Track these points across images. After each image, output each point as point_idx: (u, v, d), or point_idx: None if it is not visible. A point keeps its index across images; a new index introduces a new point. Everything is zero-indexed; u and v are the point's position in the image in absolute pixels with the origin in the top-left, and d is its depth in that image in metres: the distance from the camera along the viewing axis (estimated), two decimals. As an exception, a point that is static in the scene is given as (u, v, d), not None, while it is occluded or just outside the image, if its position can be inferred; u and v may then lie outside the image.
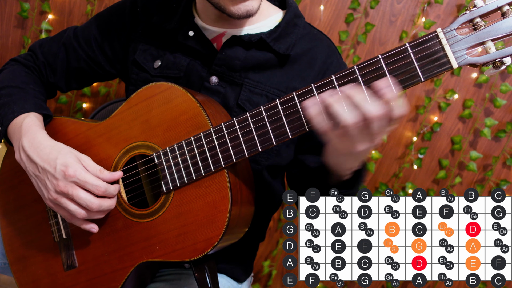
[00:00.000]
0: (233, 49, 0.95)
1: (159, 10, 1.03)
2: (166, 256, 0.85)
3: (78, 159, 0.87)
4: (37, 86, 1.05)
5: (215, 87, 0.96)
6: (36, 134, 0.91)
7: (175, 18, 1.00)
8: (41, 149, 0.89)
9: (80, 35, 1.08)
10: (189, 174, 0.83)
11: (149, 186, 0.96)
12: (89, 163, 0.88)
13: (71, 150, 0.89)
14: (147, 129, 0.88)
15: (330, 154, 0.79)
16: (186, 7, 1.01)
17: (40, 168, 0.88)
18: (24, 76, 1.05)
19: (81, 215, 0.86)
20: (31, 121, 0.94)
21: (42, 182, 0.88)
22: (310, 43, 0.98)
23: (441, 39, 0.67)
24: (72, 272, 0.95)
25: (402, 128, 1.70)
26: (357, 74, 0.70)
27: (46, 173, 0.87)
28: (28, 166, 0.90)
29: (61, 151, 0.88)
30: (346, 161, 0.77)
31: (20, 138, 0.91)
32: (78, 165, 0.86)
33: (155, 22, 1.01)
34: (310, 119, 0.70)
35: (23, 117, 0.95)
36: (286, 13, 0.99)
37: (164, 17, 1.01)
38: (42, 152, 0.88)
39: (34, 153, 0.89)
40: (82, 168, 0.86)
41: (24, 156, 0.90)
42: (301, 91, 0.74)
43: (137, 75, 1.03)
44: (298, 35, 0.97)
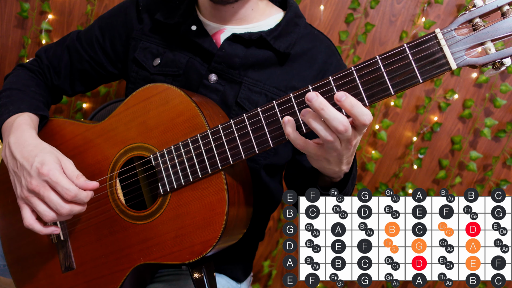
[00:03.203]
0: (233, 46, 0.95)
1: (161, 6, 1.04)
2: (163, 259, 0.85)
3: (57, 159, 0.85)
4: (38, 88, 1.06)
5: (214, 85, 0.96)
6: (24, 132, 0.90)
7: (178, 13, 1.00)
8: (24, 146, 0.88)
9: (83, 38, 1.10)
10: (186, 176, 0.83)
11: (147, 188, 0.95)
12: (68, 166, 0.85)
13: (54, 150, 0.88)
14: (144, 130, 0.87)
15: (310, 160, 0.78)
16: (190, 2, 1.02)
17: (18, 164, 0.86)
18: (27, 79, 1.06)
19: (49, 217, 0.84)
20: (23, 119, 0.94)
21: (18, 179, 0.87)
22: (311, 43, 0.98)
23: (440, 39, 0.66)
24: (70, 274, 0.95)
25: (402, 128, 1.70)
26: (354, 75, 0.70)
27: (23, 169, 0.85)
28: (10, 162, 0.89)
29: (43, 150, 0.86)
30: (328, 165, 0.76)
31: (9, 135, 0.91)
32: (55, 165, 0.83)
33: (158, 18, 1.01)
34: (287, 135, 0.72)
35: (16, 116, 0.95)
36: (287, 13, 0.99)
37: (167, 13, 1.02)
38: (25, 149, 0.87)
39: (16, 150, 0.88)
40: (58, 169, 0.83)
41: (8, 152, 0.89)
42: (298, 92, 0.73)
43: (137, 73, 1.03)
44: (298, 34, 0.98)
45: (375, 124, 1.70)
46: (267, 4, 1.02)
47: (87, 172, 0.92)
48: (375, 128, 1.70)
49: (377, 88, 0.69)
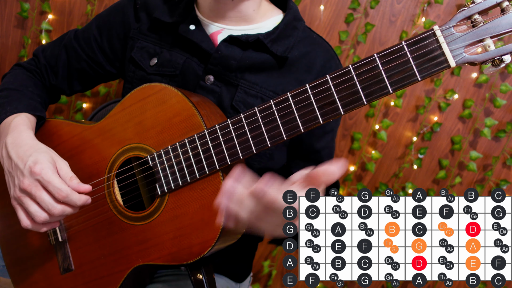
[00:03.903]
0: (230, 48, 0.94)
1: (160, 5, 1.02)
2: (161, 259, 0.85)
3: (52, 159, 0.84)
4: (36, 89, 1.05)
5: (211, 86, 0.95)
6: (22, 133, 0.90)
7: (177, 12, 0.99)
8: (20, 146, 0.87)
9: (81, 36, 1.09)
10: (184, 177, 0.82)
11: (145, 188, 0.95)
12: (62, 167, 0.84)
13: (49, 151, 0.87)
14: (141, 131, 0.87)
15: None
16: (189, 0, 1.00)
17: (13, 164, 0.85)
18: (25, 79, 1.05)
19: (41, 218, 0.82)
20: (21, 120, 0.93)
21: (12, 179, 0.86)
22: (309, 47, 0.97)
23: (438, 37, 0.65)
24: (68, 275, 0.94)
25: (402, 128, 1.70)
26: (352, 73, 0.69)
27: (17, 169, 0.84)
28: (5, 162, 0.88)
29: (38, 150, 0.85)
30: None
31: (6, 136, 0.90)
32: (48, 164, 0.82)
33: (156, 16, 1.00)
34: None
35: (13, 116, 0.94)
36: (286, 15, 0.98)
37: (166, 11, 1.01)
38: (20, 149, 0.86)
39: (13, 150, 0.87)
40: (51, 169, 0.82)
41: (4, 153, 0.89)
42: (295, 91, 0.73)
43: (134, 73, 1.02)
44: (297, 38, 0.96)
45: (375, 124, 1.70)
46: (269, 5, 1.01)
47: (85, 173, 0.91)
48: (375, 128, 1.70)
49: (375, 86, 0.68)
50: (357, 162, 1.75)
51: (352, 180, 1.76)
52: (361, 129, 1.71)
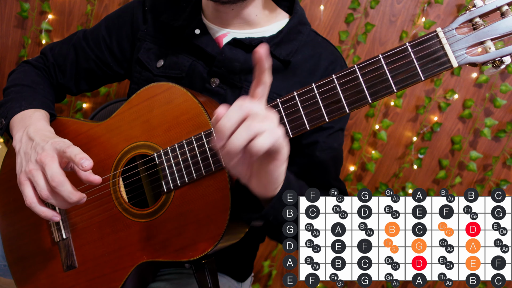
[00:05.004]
0: (233, 51, 0.94)
1: (167, 8, 1.03)
2: (166, 256, 0.85)
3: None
4: (47, 87, 1.06)
5: (216, 89, 0.95)
6: (46, 127, 0.91)
7: (183, 15, 1.00)
8: (45, 132, 0.87)
9: (89, 36, 1.10)
10: (190, 174, 0.83)
11: (149, 186, 0.96)
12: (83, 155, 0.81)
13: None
14: (148, 129, 0.88)
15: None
16: (195, 5, 1.01)
17: (34, 144, 0.84)
18: (35, 76, 1.06)
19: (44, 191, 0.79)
20: (41, 115, 0.94)
21: (27, 157, 0.84)
22: (313, 50, 0.97)
23: (441, 38, 0.68)
24: (71, 273, 0.95)
25: (402, 128, 1.70)
26: (357, 73, 0.71)
27: (37, 146, 0.83)
28: (24, 144, 0.86)
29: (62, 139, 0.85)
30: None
31: (27, 126, 0.89)
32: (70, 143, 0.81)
33: (163, 19, 1.01)
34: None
35: (32, 111, 0.95)
36: (291, 20, 0.98)
37: (173, 15, 1.02)
38: (45, 135, 0.86)
39: (37, 135, 0.86)
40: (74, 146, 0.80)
41: (25, 138, 0.87)
42: (301, 90, 0.74)
43: (140, 74, 1.03)
44: (301, 42, 0.97)
45: (375, 124, 1.70)
46: (274, 9, 1.01)
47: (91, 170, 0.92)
48: (375, 128, 1.70)
49: (380, 86, 0.70)
50: (357, 162, 1.75)
51: (352, 180, 1.77)
52: (361, 129, 1.72)
